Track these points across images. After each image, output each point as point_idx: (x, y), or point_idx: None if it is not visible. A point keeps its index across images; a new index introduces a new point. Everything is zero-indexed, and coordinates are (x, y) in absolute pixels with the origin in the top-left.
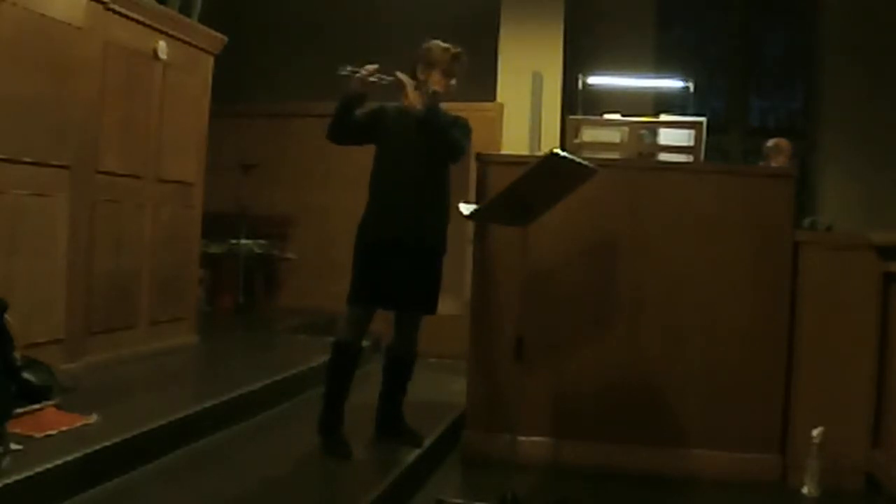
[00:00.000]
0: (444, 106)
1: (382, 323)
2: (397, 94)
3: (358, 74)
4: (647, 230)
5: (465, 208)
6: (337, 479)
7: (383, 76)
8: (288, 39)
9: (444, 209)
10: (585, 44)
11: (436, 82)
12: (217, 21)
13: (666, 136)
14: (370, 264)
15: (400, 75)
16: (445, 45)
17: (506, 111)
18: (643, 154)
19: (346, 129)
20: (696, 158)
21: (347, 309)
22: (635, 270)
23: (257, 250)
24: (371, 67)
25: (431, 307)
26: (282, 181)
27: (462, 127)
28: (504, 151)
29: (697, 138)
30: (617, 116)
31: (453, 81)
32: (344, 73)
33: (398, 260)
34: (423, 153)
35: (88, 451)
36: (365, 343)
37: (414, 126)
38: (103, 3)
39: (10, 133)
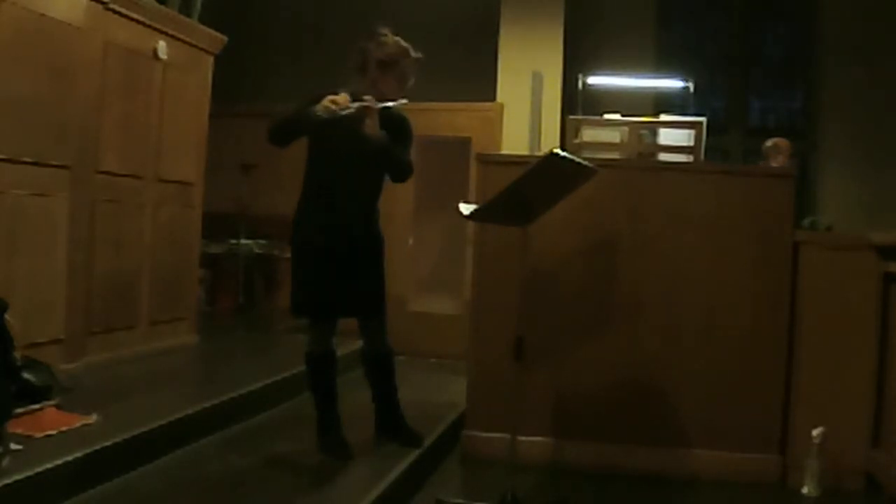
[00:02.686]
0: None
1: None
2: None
3: (341, 111)
4: (647, 230)
5: (465, 208)
6: (337, 479)
7: (351, 106)
8: (288, 39)
9: (375, 219)
10: (585, 44)
11: (390, 90)
12: (217, 21)
13: (666, 136)
14: (308, 273)
15: (368, 103)
16: (404, 45)
17: (506, 111)
18: (643, 154)
19: (290, 139)
20: (696, 158)
21: (306, 320)
22: (635, 270)
23: (257, 250)
24: (342, 99)
25: (378, 306)
26: (282, 181)
27: (406, 139)
28: (504, 151)
29: (697, 138)
30: (617, 116)
31: (410, 83)
32: (325, 116)
33: (329, 267)
34: (361, 163)
35: (88, 451)
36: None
37: (354, 133)
38: (103, 3)
39: (10, 133)
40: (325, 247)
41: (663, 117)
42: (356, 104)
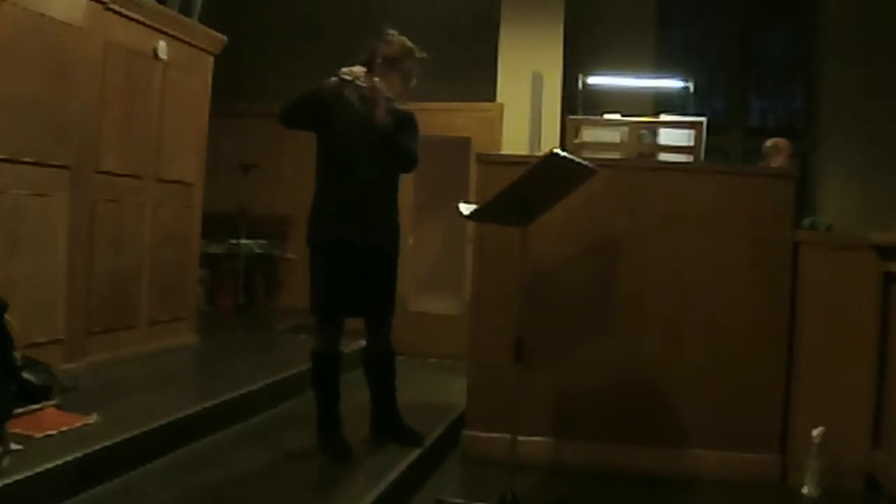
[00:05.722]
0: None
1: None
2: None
3: (356, 81)
4: (647, 230)
5: (465, 208)
6: (337, 479)
7: (363, 81)
8: (288, 39)
9: (393, 210)
10: (585, 44)
11: (394, 88)
12: (217, 21)
13: (666, 136)
14: (326, 273)
15: (378, 86)
16: (410, 45)
17: (506, 111)
18: (643, 154)
19: (303, 118)
20: (696, 158)
21: (315, 319)
22: (635, 270)
23: (257, 250)
24: (359, 70)
25: (391, 308)
26: (282, 181)
27: (413, 132)
28: (504, 151)
29: (697, 138)
30: (617, 116)
31: (413, 83)
32: (347, 77)
33: (351, 264)
34: (374, 154)
35: (88, 451)
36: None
37: (365, 124)
38: (103, 3)
39: (10, 133)
40: (345, 241)
41: (663, 117)
42: (369, 83)
